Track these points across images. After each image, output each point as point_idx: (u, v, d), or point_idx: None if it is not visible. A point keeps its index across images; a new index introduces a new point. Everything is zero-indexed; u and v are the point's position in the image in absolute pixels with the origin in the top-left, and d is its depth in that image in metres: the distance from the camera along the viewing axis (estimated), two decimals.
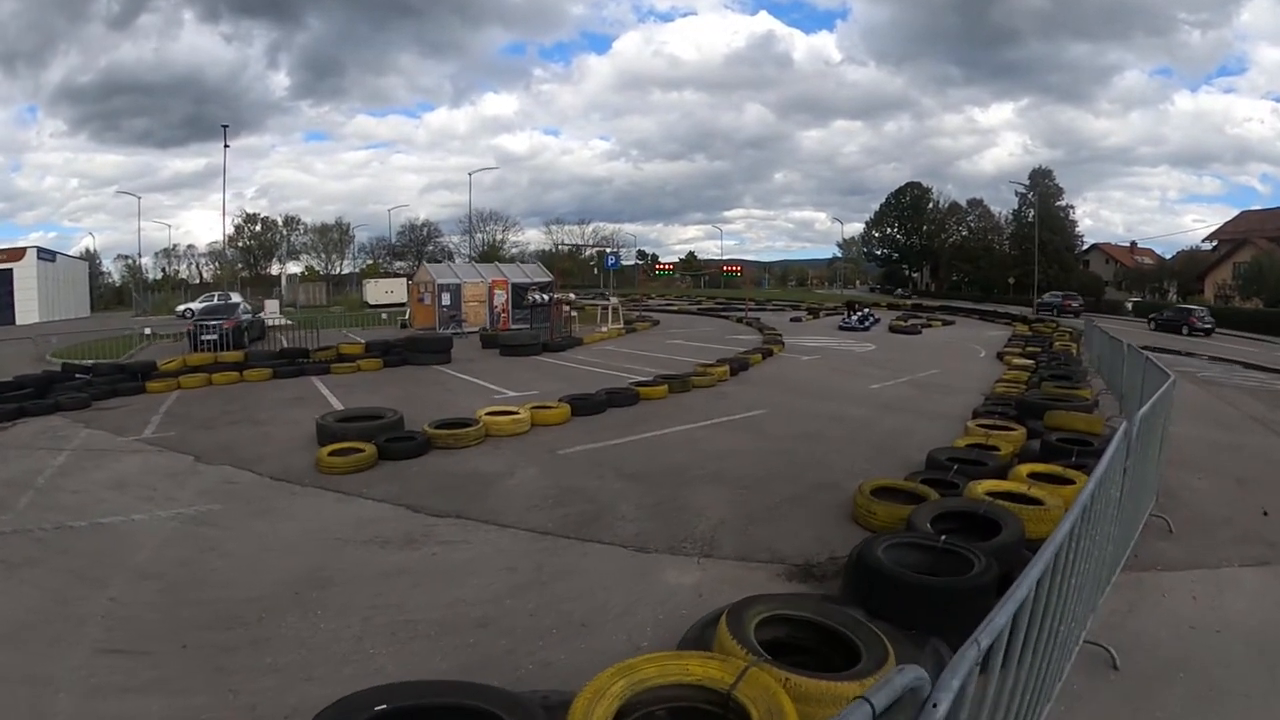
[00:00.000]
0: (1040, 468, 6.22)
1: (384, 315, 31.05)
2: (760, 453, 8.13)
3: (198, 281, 66.50)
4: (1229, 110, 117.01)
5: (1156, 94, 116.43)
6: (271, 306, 36.00)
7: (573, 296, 26.46)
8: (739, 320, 31.43)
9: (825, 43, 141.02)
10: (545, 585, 4.62)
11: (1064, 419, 8.31)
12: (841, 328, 28.28)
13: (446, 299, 25.54)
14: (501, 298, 26.16)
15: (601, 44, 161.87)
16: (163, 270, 69.02)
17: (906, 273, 76.64)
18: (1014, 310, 39.05)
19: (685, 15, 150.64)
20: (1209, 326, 29.78)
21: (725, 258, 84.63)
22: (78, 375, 13.35)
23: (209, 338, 19.08)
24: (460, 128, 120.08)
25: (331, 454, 7.44)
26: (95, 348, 18.77)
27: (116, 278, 64.52)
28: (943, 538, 4.37)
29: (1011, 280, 53.02)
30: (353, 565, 4.97)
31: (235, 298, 42.20)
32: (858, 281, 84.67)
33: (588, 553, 5.21)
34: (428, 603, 4.38)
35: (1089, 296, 47.37)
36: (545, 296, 22.04)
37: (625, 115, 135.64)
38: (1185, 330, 29.39)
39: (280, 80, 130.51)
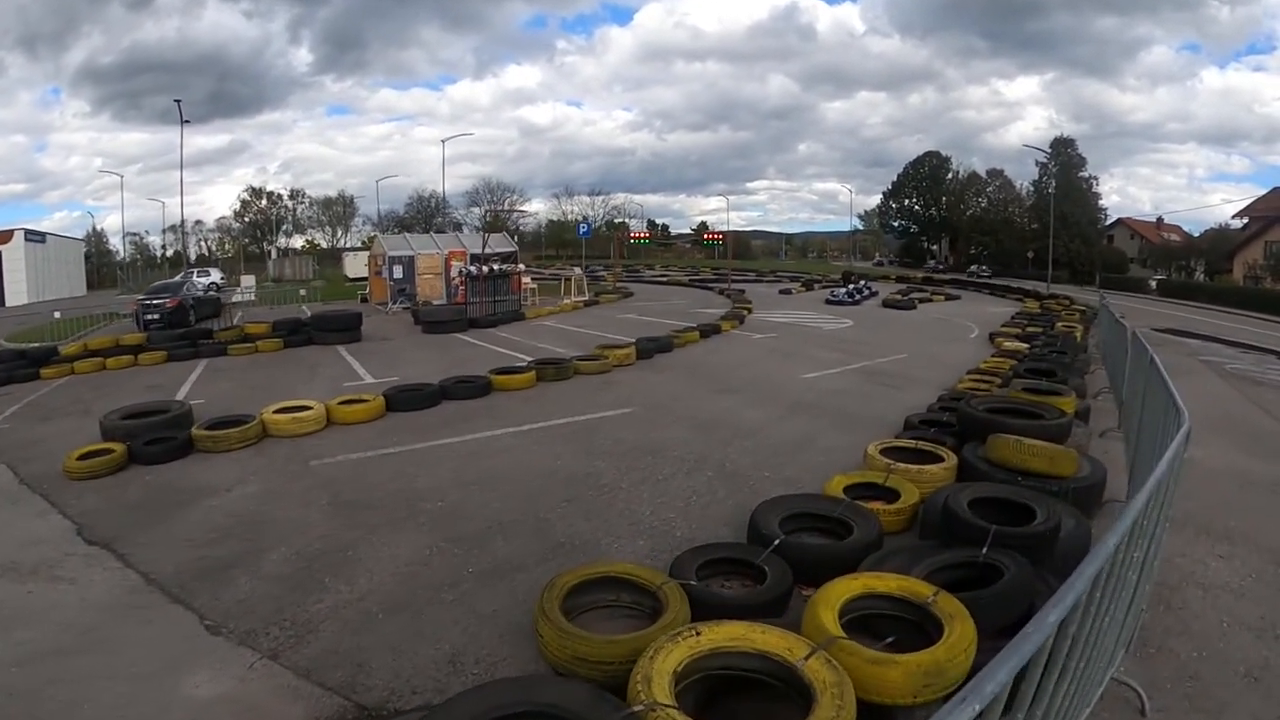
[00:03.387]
0: (891, 584, 3.27)
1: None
2: (543, 478, 6.15)
3: (210, 257, 66.27)
4: (1258, 89, 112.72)
5: (1184, 70, 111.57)
6: (247, 282, 34.90)
7: (522, 267, 24.52)
8: (720, 292, 29.32)
9: (849, 14, 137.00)
10: (65, 658, 3.56)
11: (1011, 451, 5.11)
12: (829, 301, 26.19)
13: (398, 271, 23.92)
14: (459, 270, 24.34)
15: (623, 15, 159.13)
16: (164, 246, 68.86)
17: (925, 245, 72.94)
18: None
19: None
20: (987, 275, 46.28)
21: (743, 229, 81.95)
22: None
23: (150, 317, 17.79)
24: (483, 100, 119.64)
25: (79, 458, 6.49)
26: (54, 329, 17.79)
27: (126, 256, 64.68)
28: None
29: (1030, 254, 49.43)
30: None
31: (214, 273, 41.41)
32: (877, 254, 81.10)
33: (157, 620, 3.95)
34: None
35: (1112, 273, 44.46)
36: (480, 268, 20.13)
37: (648, 86, 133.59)
38: (975, 276, 46.97)
39: (302, 56, 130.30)
